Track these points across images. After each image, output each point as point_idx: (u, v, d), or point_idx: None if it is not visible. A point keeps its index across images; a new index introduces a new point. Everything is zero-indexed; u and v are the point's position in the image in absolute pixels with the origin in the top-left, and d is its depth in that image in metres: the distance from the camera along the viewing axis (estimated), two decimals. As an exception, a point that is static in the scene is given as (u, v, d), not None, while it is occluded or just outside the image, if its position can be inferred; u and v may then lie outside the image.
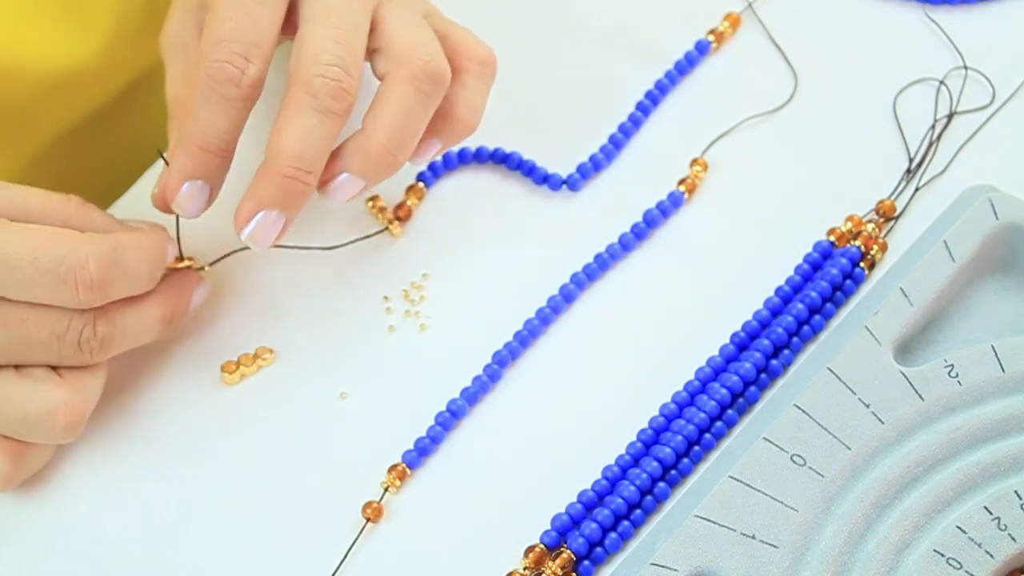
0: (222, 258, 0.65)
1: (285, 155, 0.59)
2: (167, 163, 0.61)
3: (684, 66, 0.73)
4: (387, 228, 0.68)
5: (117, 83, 0.75)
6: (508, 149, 0.71)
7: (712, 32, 0.74)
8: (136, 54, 0.75)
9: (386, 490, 0.62)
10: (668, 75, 0.73)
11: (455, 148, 0.71)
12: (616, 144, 0.71)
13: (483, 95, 0.65)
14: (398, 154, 0.61)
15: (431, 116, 0.62)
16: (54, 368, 0.59)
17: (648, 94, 0.73)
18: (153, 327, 0.61)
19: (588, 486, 0.61)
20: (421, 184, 0.70)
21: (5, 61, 0.69)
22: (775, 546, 0.57)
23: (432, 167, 0.70)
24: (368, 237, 0.68)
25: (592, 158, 0.70)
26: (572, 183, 0.70)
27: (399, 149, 0.61)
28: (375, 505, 0.61)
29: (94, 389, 0.61)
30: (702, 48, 0.74)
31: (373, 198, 0.69)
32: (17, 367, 0.59)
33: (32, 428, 0.59)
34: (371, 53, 0.62)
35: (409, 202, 0.69)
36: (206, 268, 0.64)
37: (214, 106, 0.59)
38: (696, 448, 0.62)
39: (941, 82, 0.72)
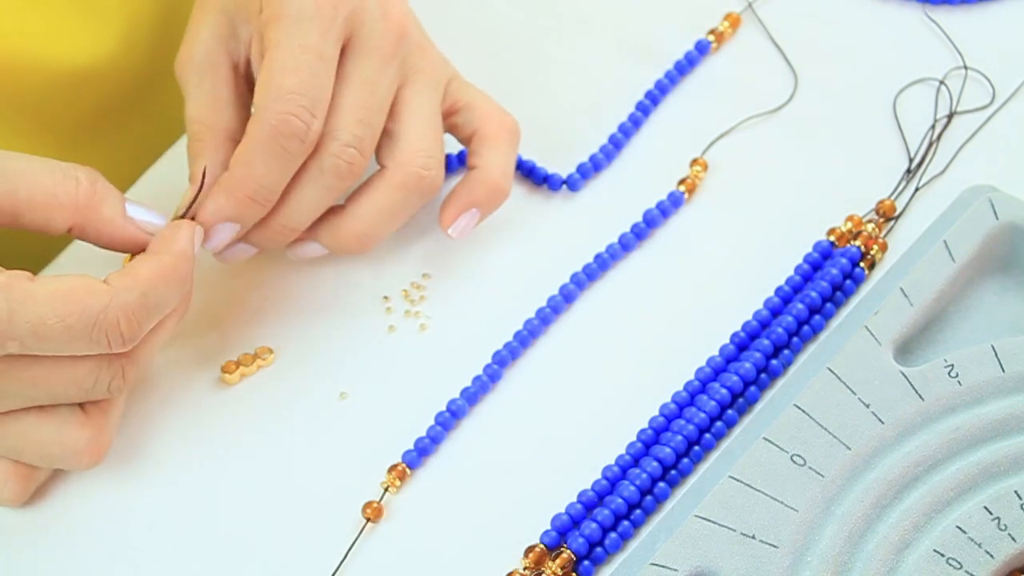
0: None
1: (283, 215, 0.62)
2: (199, 186, 0.61)
3: (684, 66, 0.73)
4: None
5: (130, 80, 0.75)
6: (508, 149, 0.71)
7: (712, 32, 0.74)
8: (149, 52, 0.75)
9: (386, 490, 0.62)
10: (668, 75, 0.73)
11: (455, 150, 0.71)
12: (616, 144, 0.71)
13: (513, 161, 0.67)
14: (368, 244, 0.64)
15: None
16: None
17: (648, 94, 0.73)
18: (166, 336, 0.61)
19: (588, 486, 0.61)
20: None
21: (20, 55, 0.69)
22: (775, 546, 0.57)
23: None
24: None
25: (592, 158, 0.70)
26: (572, 183, 0.70)
27: (370, 240, 0.64)
28: (375, 505, 0.61)
29: (116, 418, 0.61)
30: (702, 48, 0.74)
31: None
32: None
33: (56, 465, 0.60)
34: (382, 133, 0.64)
35: None
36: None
37: (274, 159, 0.60)
38: (696, 448, 0.62)
39: (941, 82, 0.72)
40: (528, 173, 0.70)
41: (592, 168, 0.70)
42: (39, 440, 0.58)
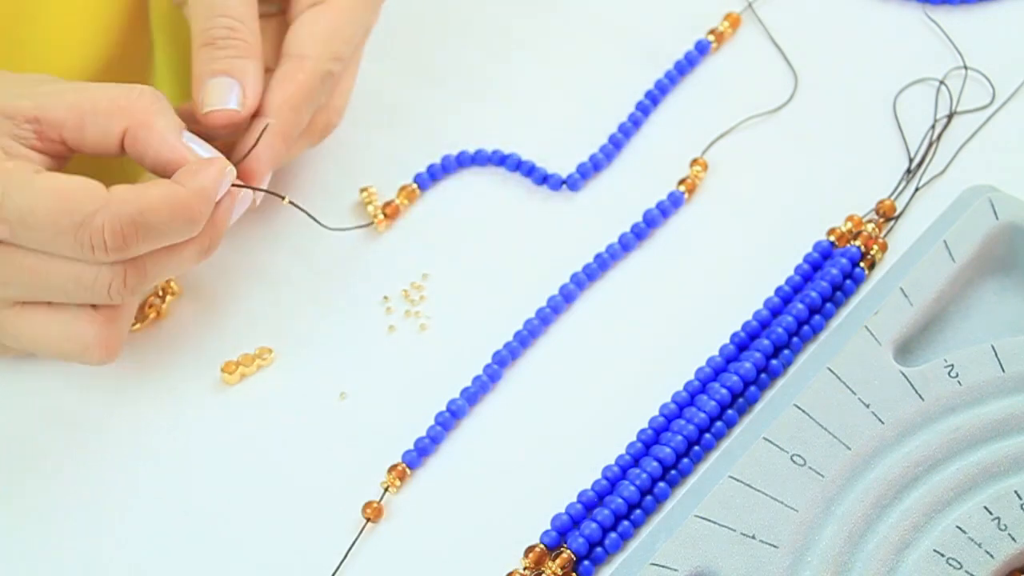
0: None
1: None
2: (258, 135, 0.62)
3: (684, 66, 0.73)
4: (373, 223, 0.68)
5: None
6: (508, 150, 0.71)
7: (712, 32, 0.74)
8: (147, 58, 0.76)
9: (386, 490, 0.62)
10: (668, 75, 0.73)
11: (454, 151, 0.71)
12: (616, 144, 0.71)
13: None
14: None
15: None
16: None
17: (648, 94, 0.73)
18: (187, 263, 0.60)
19: (588, 486, 0.61)
20: (414, 185, 0.70)
21: (18, 54, 0.70)
22: (775, 546, 0.57)
23: (431, 170, 0.70)
24: (353, 228, 0.68)
25: (592, 158, 0.70)
26: (572, 183, 0.70)
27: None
28: (375, 505, 0.61)
29: (128, 316, 0.60)
30: (702, 48, 0.74)
31: (366, 190, 0.69)
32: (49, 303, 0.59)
33: (70, 360, 0.60)
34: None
35: (398, 201, 0.69)
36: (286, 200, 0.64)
37: (311, 107, 0.63)
38: (696, 448, 0.62)
39: (941, 82, 0.72)
40: (528, 173, 0.70)
41: (592, 168, 0.70)
42: (49, 335, 0.59)
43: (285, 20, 0.65)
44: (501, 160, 0.71)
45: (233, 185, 0.60)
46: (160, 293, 0.66)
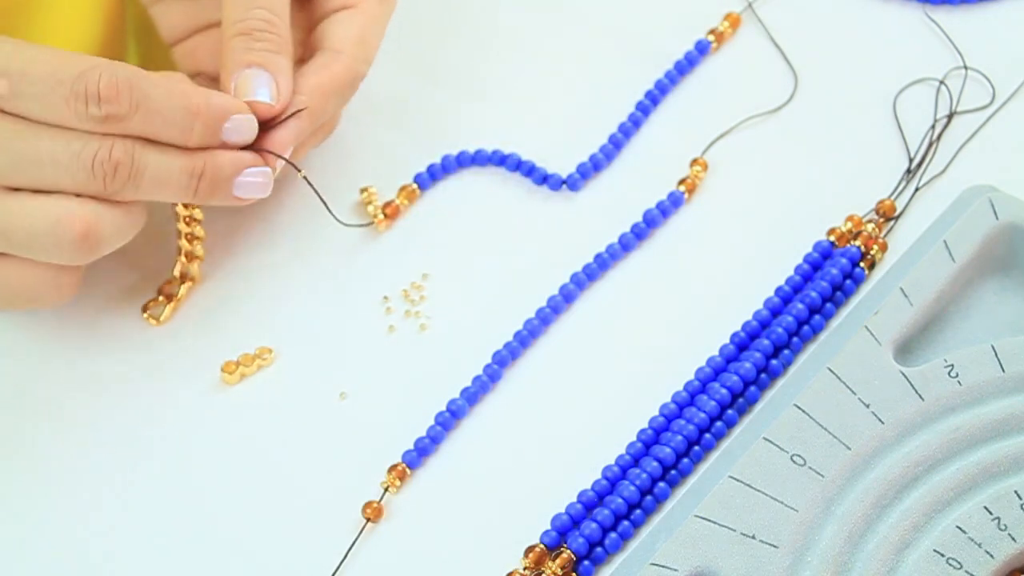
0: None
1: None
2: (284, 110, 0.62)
3: (684, 66, 0.73)
4: (373, 222, 0.68)
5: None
6: (508, 150, 0.71)
7: (712, 32, 0.74)
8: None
9: (386, 490, 0.62)
10: (668, 75, 0.73)
11: (453, 151, 0.71)
12: (616, 144, 0.71)
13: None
14: None
15: None
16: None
17: (648, 94, 0.73)
18: (176, 177, 0.59)
19: (588, 486, 0.61)
20: (414, 185, 0.70)
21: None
22: (775, 546, 0.57)
23: (431, 170, 0.70)
24: (354, 227, 0.68)
25: (592, 158, 0.70)
26: (572, 183, 0.70)
27: None
28: (375, 505, 0.61)
29: (116, 219, 0.59)
30: (702, 48, 0.74)
31: (366, 190, 0.69)
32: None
33: (41, 243, 0.58)
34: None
35: (398, 201, 0.69)
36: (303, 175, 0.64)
37: (339, 103, 0.65)
38: (696, 448, 0.62)
39: (941, 82, 0.72)
40: (528, 173, 0.70)
41: (592, 168, 0.70)
42: (22, 212, 0.58)
43: (309, 17, 0.66)
44: (501, 160, 0.71)
45: (252, 148, 0.60)
46: (180, 276, 0.66)
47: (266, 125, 0.61)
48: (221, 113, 0.59)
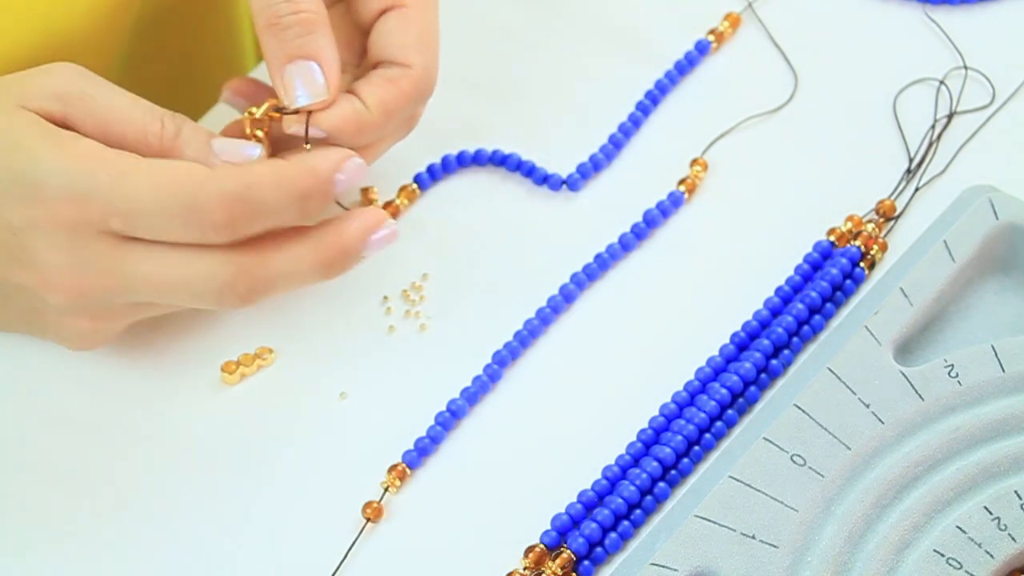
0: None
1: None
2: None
3: (684, 66, 0.73)
4: None
5: (131, 37, 0.75)
6: (508, 150, 0.71)
7: (712, 32, 0.74)
8: (147, 12, 0.75)
9: (386, 490, 0.62)
10: (668, 75, 0.73)
11: (453, 151, 0.71)
12: (616, 144, 0.71)
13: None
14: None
15: None
16: None
17: (648, 94, 0.72)
18: (309, 274, 0.59)
19: (588, 486, 0.61)
20: (415, 186, 0.70)
21: (24, 22, 0.69)
22: (775, 546, 0.57)
23: (431, 170, 0.70)
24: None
25: (592, 158, 0.70)
26: (572, 183, 0.70)
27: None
28: (375, 505, 0.61)
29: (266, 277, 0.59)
30: (702, 48, 0.74)
31: (366, 191, 0.69)
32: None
33: (203, 301, 0.58)
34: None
35: (398, 201, 0.69)
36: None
37: (403, 112, 0.62)
38: (696, 448, 0.62)
39: (941, 82, 0.72)
40: (528, 174, 0.70)
41: (592, 168, 0.70)
42: (175, 274, 0.57)
43: (351, 15, 0.64)
44: (501, 160, 0.71)
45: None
46: None
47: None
48: (329, 177, 0.58)
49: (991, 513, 0.58)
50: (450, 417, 0.63)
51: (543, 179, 0.70)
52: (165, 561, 0.60)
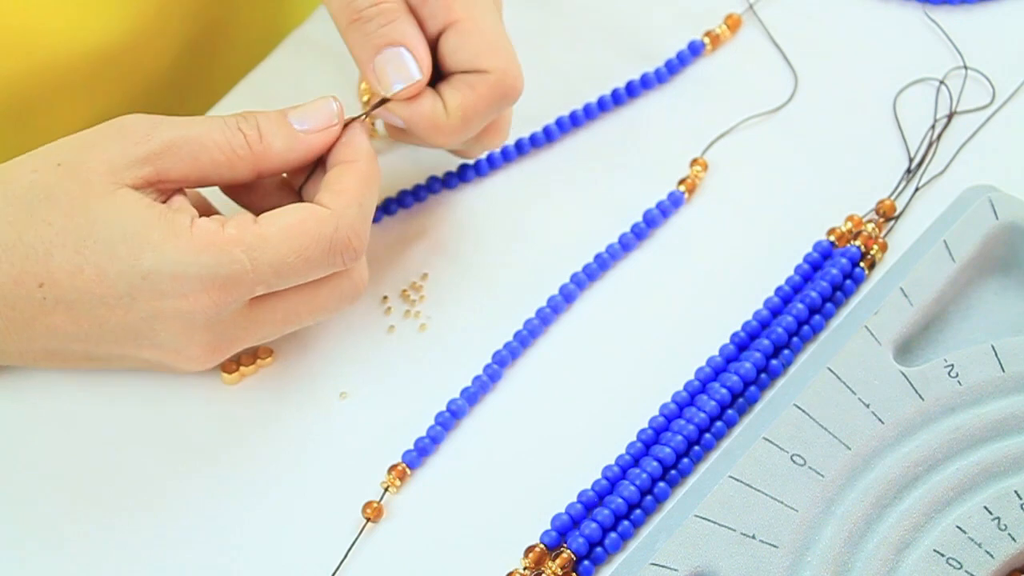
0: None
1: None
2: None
3: (675, 65, 0.73)
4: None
5: (173, 48, 0.75)
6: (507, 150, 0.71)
7: (708, 34, 0.74)
8: (187, 20, 0.75)
9: (386, 490, 0.62)
10: (657, 72, 0.73)
11: (455, 165, 0.71)
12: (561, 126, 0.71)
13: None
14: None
15: None
16: None
17: (628, 85, 0.72)
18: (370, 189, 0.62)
19: (588, 486, 0.61)
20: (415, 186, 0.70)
21: (52, 36, 0.69)
22: (775, 546, 0.57)
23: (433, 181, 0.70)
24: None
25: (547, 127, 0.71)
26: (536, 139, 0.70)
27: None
28: (375, 505, 0.61)
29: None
30: (695, 49, 0.74)
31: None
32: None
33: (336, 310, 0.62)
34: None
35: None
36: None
37: (487, 118, 0.63)
38: (696, 448, 0.62)
39: (941, 82, 0.72)
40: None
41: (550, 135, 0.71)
42: (327, 295, 0.61)
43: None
44: (503, 156, 0.71)
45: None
46: None
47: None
48: (374, 153, 0.61)
49: (991, 513, 0.58)
50: (450, 417, 0.63)
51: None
52: (165, 561, 0.60)
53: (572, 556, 0.59)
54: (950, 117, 0.71)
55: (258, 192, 0.62)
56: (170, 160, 0.58)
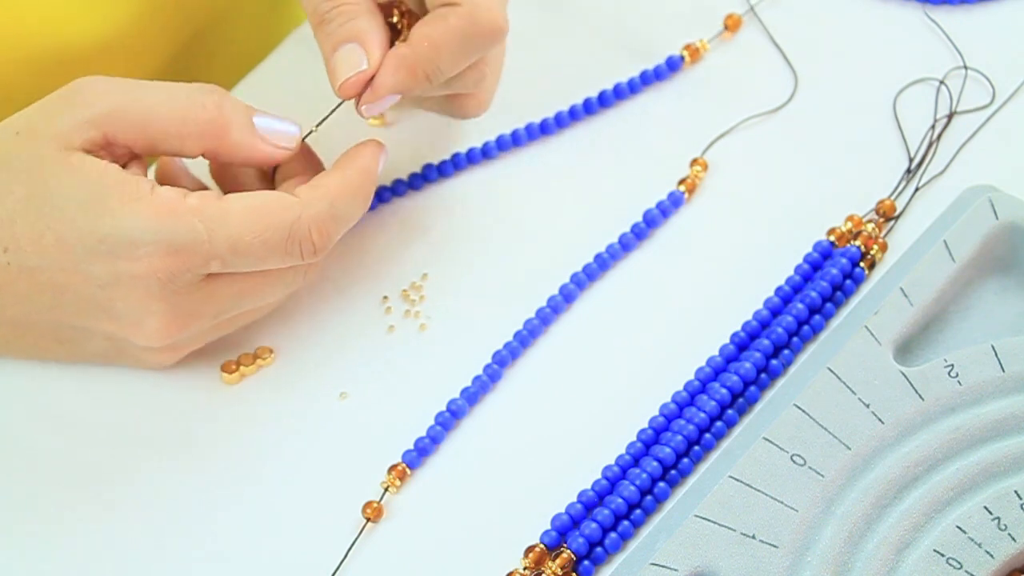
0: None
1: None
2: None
3: (676, 63, 0.73)
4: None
5: (161, 45, 0.75)
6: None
7: (687, 48, 0.73)
8: (180, 22, 0.75)
9: (386, 490, 0.62)
10: (657, 70, 0.73)
11: (453, 151, 0.71)
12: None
13: None
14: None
15: None
16: None
17: (616, 87, 0.72)
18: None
19: (588, 486, 0.61)
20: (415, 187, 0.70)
21: (38, 36, 0.69)
22: (775, 546, 0.57)
23: (430, 169, 0.70)
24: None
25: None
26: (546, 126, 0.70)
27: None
28: (375, 505, 0.61)
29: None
30: (672, 64, 0.73)
31: None
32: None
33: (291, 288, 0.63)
34: None
35: None
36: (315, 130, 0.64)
37: (464, 55, 0.62)
38: (696, 448, 0.62)
39: (941, 82, 0.72)
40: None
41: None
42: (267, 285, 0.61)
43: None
44: (497, 146, 0.71)
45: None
46: None
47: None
48: (376, 171, 0.62)
49: (991, 513, 0.58)
50: (450, 417, 0.63)
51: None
52: (165, 561, 0.60)
53: (572, 556, 0.59)
54: (950, 117, 0.71)
55: (241, 182, 0.63)
56: (117, 124, 0.58)
